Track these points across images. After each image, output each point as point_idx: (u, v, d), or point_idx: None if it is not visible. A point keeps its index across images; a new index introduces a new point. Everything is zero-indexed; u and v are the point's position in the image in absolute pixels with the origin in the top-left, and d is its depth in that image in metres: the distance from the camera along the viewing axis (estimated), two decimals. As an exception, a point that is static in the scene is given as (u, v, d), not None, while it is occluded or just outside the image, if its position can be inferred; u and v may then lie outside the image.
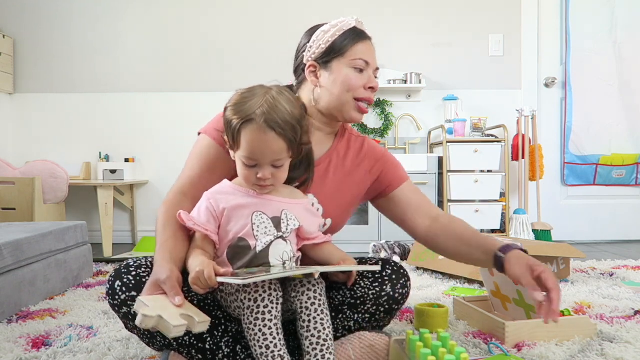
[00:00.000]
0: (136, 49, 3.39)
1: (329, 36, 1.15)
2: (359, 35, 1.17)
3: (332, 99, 1.14)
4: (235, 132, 0.96)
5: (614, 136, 3.33)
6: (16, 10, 3.38)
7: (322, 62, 1.16)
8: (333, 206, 1.18)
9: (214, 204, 0.99)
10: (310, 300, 0.94)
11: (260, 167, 0.97)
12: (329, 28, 1.16)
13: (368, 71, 1.16)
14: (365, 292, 1.08)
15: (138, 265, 1.01)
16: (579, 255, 2.04)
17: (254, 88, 1.00)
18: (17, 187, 2.63)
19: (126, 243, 3.37)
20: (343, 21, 1.17)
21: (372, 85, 1.17)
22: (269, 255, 0.98)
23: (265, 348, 0.87)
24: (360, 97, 1.15)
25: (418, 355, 0.94)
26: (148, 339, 1.02)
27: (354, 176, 1.23)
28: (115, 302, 0.98)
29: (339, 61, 1.14)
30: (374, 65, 1.18)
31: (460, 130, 3.07)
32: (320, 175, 1.18)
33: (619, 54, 3.30)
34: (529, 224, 2.98)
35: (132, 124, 3.39)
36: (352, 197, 1.23)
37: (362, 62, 1.14)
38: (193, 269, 0.90)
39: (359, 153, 1.25)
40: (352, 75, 1.14)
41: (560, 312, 1.08)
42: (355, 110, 1.16)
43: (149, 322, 0.82)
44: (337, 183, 1.20)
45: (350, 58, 1.14)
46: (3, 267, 1.49)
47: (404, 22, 3.38)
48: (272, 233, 0.99)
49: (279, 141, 0.95)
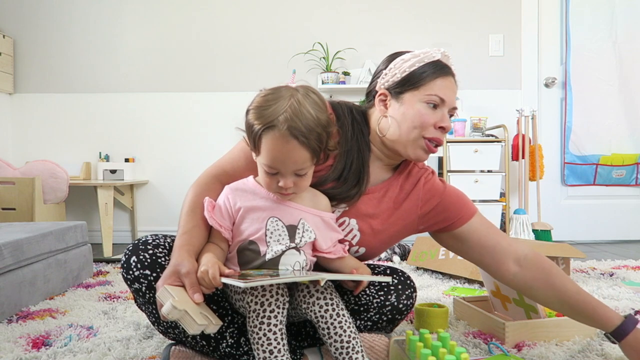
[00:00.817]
0: (136, 49, 3.39)
1: (407, 66, 1.06)
2: (440, 69, 1.07)
3: (398, 132, 1.06)
4: (257, 138, 0.91)
5: (614, 136, 3.33)
6: (16, 10, 3.38)
7: (395, 92, 1.07)
8: (376, 237, 1.13)
9: (231, 201, 0.98)
10: (324, 308, 0.93)
11: (282, 175, 0.93)
12: (409, 57, 1.07)
13: (443, 109, 1.06)
14: (369, 300, 1.08)
15: (156, 245, 1.01)
16: (579, 255, 2.04)
17: (279, 89, 0.93)
18: (17, 187, 2.63)
19: (126, 243, 3.37)
20: (427, 52, 1.08)
21: (443, 125, 1.05)
22: (280, 264, 0.96)
23: (268, 353, 0.87)
24: (429, 136, 1.05)
25: (418, 355, 0.94)
26: (155, 318, 1.03)
27: (403, 207, 1.14)
28: (129, 276, 0.98)
29: (413, 94, 1.05)
30: (450, 103, 1.07)
31: (460, 130, 3.07)
32: (373, 204, 1.12)
33: (619, 54, 3.30)
34: (529, 224, 2.98)
35: (132, 124, 3.39)
36: (396, 231, 1.16)
37: (438, 99, 1.04)
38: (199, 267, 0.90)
39: (416, 184, 1.16)
40: (424, 111, 1.04)
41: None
42: (421, 149, 1.07)
43: (175, 315, 0.82)
44: (386, 215, 1.13)
45: (426, 93, 1.04)
46: (3, 267, 1.49)
47: (404, 22, 3.38)
48: (285, 242, 0.96)
49: (301, 151, 0.90)
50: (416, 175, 1.17)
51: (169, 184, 3.38)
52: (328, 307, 0.93)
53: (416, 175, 1.17)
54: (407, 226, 1.16)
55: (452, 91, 1.08)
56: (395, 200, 1.14)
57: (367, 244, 1.12)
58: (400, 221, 1.15)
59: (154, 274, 0.97)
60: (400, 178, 1.16)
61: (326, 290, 0.95)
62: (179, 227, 1.00)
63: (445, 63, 1.08)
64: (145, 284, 0.97)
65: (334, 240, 1.04)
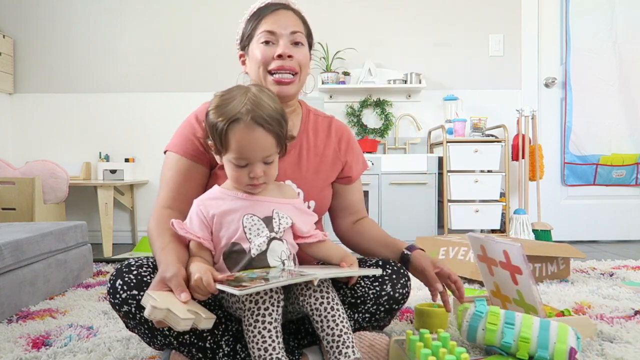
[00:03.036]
0: (136, 49, 3.39)
1: (242, 22, 1.17)
2: (266, 9, 1.13)
3: (256, 81, 1.13)
4: (223, 134, 0.94)
5: (614, 136, 3.33)
6: (16, 10, 3.38)
7: (243, 48, 1.18)
8: (312, 189, 1.19)
9: (204, 211, 0.98)
10: (319, 301, 0.93)
11: (252, 165, 0.96)
12: (245, 14, 1.17)
13: (280, 41, 1.11)
14: (365, 292, 1.08)
15: (139, 265, 1.01)
16: (579, 255, 2.04)
17: (231, 89, 0.99)
18: (17, 187, 2.63)
19: (126, 243, 3.37)
20: (258, 2, 1.16)
21: (280, 53, 1.09)
22: (267, 258, 0.97)
23: (263, 350, 0.87)
24: (272, 68, 1.10)
25: (418, 355, 0.94)
26: (149, 338, 1.02)
27: (326, 156, 1.23)
28: (116, 300, 0.97)
29: (251, 43, 1.14)
30: (283, 31, 1.11)
31: (460, 130, 3.08)
32: (294, 160, 1.17)
33: (619, 54, 3.30)
34: (529, 224, 2.98)
35: (132, 124, 3.39)
36: (327, 177, 1.24)
37: (266, 33, 1.11)
38: (191, 276, 0.89)
39: (328, 133, 1.25)
40: (259, 50, 1.11)
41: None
42: (274, 85, 1.11)
43: (158, 314, 0.82)
44: (313, 165, 1.20)
45: (257, 34, 1.12)
46: (3, 267, 1.49)
47: (404, 22, 3.38)
48: (265, 234, 0.98)
49: (267, 137, 0.95)
50: (324, 121, 1.26)
51: (169, 184, 3.38)
52: (323, 300, 0.94)
53: (324, 122, 1.26)
54: (335, 169, 1.24)
55: (285, 20, 1.12)
56: (315, 146, 1.21)
57: (308, 195, 1.18)
58: (329, 166, 1.23)
59: (141, 292, 0.96)
60: (309, 127, 1.23)
61: (322, 284, 0.96)
62: (153, 252, 1.00)
63: (276, 2, 1.15)
64: (134, 304, 0.96)
65: (311, 222, 1.08)
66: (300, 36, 1.13)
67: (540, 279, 1.99)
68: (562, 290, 1.82)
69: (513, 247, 1.20)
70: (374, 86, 3.23)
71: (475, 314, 1.11)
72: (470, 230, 2.97)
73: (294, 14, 1.15)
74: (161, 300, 0.83)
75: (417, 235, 2.87)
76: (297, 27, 1.13)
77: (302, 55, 1.13)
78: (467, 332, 1.12)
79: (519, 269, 1.20)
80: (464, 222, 2.97)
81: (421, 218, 2.98)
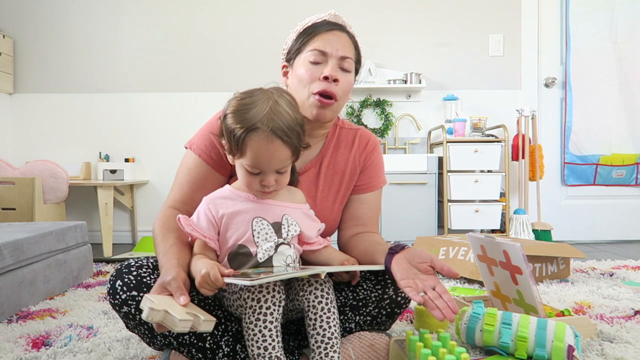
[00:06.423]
0: (136, 49, 3.39)
1: (293, 33, 1.13)
2: (321, 27, 1.10)
3: (296, 98, 1.06)
4: (240, 142, 0.92)
5: (614, 136, 3.33)
6: (16, 10, 3.38)
7: (289, 60, 1.13)
8: (326, 211, 1.17)
9: (213, 210, 0.98)
10: (318, 299, 0.94)
11: (265, 174, 0.95)
12: (299, 25, 1.13)
13: (328, 62, 1.08)
14: (367, 294, 1.08)
15: (139, 266, 1.01)
16: (579, 255, 2.04)
17: (252, 92, 0.95)
18: (17, 187, 2.63)
19: (126, 243, 3.37)
20: (314, 17, 1.12)
21: (327, 75, 1.05)
22: (273, 261, 0.97)
23: (263, 349, 0.87)
24: (316, 90, 1.06)
25: (418, 355, 0.94)
26: (149, 339, 1.02)
27: (345, 172, 1.19)
28: (116, 301, 0.97)
29: (299, 57, 1.10)
30: (335, 53, 1.08)
31: (460, 130, 3.07)
32: (312, 181, 1.16)
33: (619, 54, 3.30)
34: (529, 224, 2.98)
35: (132, 124, 3.40)
36: (344, 195, 1.21)
37: (317, 52, 1.07)
38: (198, 272, 0.89)
39: (351, 146, 1.21)
40: (307, 68, 1.07)
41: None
42: (315, 106, 1.07)
43: (156, 316, 0.82)
44: (329, 186, 1.18)
45: (307, 51, 1.08)
46: (3, 267, 1.49)
47: (404, 22, 3.38)
48: (273, 239, 0.97)
49: (285, 149, 0.93)
50: (348, 134, 1.22)
51: (169, 184, 3.35)
52: (322, 299, 0.94)
53: (349, 134, 1.22)
54: (352, 183, 1.21)
55: (337, 42, 1.09)
56: (334, 164, 1.18)
57: (321, 217, 1.12)
58: (346, 183, 1.19)
59: (141, 293, 0.95)
60: (332, 143, 1.19)
61: (325, 284, 0.96)
62: (157, 254, 1.00)
63: (331, 21, 1.11)
64: (134, 305, 0.96)
65: (316, 229, 1.07)
66: (349, 63, 1.10)
67: (540, 279, 1.99)
68: (562, 290, 1.83)
69: (513, 247, 1.20)
70: (374, 86, 3.23)
71: (472, 316, 1.12)
72: (470, 230, 2.97)
73: (347, 38, 1.12)
74: (159, 303, 0.83)
75: (417, 235, 2.87)
76: (349, 53, 1.10)
77: (347, 82, 1.10)
78: (465, 333, 1.13)
79: (519, 269, 1.20)
80: (464, 222, 2.97)
81: (421, 218, 2.98)
